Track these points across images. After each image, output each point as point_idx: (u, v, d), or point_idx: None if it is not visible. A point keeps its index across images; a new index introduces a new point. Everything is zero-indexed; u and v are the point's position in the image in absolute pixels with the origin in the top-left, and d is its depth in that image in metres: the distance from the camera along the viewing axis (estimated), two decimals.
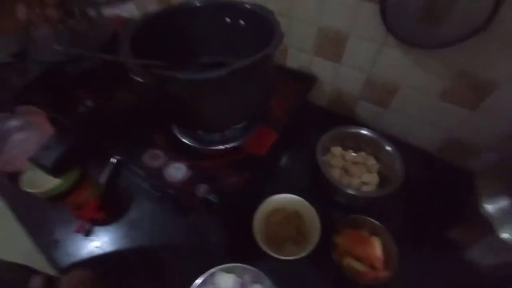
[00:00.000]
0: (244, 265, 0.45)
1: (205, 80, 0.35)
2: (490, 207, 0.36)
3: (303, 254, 0.44)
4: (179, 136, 0.54)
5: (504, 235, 0.34)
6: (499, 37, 0.42)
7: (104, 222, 0.52)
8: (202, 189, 0.47)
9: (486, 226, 0.36)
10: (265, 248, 0.45)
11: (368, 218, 0.49)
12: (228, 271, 0.45)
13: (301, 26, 0.62)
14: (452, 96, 0.53)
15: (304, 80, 0.68)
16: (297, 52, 0.67)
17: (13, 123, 0.62)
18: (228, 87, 0.37)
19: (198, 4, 0.52)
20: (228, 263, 0.45)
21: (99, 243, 0.50)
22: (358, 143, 0.58)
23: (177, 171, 0.49)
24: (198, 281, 0.43)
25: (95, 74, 0.71)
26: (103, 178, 0.57)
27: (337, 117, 0.72)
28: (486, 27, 0.42)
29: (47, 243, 0.50)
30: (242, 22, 0.54)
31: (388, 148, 0.53)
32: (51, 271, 0.47)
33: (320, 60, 0.65)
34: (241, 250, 0.48)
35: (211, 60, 0.59)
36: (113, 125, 0.50)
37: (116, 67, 0.74)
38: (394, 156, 0.51)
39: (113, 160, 0.59)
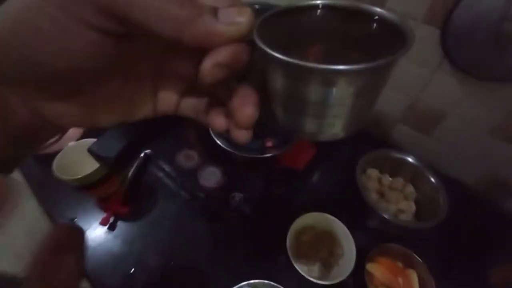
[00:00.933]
0: (273, 283, 0.43)
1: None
2: None
3: (336, 281, 0.42)
4: (216, 139, 0.52)
5: None
6: None
7: (128, 217, 0.50)
8: (236, 198, 0.45)
9: None
10: (298, 267, 0.43)
11: (405, 248, 0.46)
12: (254, 287, 0.43)
13: None
14: (503, 132, 0.51)
15: None
16: None
17: None
18: None
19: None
20: (254, 277, 0.43)
21: (120, 238, 0.48)
22: (395, 168, 0.56)
23: (212, 175, 0.48)
24: None
25: None
26: (130, 172, 0.55)
27: (370, 138, 0.69)
28: None
29: None
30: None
31: (432, 179, 0.51)
32: None
33: None
34: (268, 264, 0.46)
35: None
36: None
37: None
38: (438, 189, 0.49)
39: (142, 154, 0.58)
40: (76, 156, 0.50)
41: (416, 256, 0.45)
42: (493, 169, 0.56)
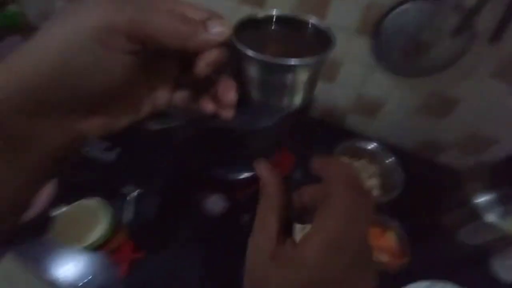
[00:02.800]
0: None
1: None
2: (477, 200, 0.49)
3: None
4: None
5: (489, 219, 0.48)
6: (464, 69, 0.56)
7: (146, 260, 0.52)
8: (245, 220, 0.50)
9: (474, 214, 0.49)
10: None
11: (379, 216, 0.59)
12: None
13: None
14: (426, 108, 0.66)
15: None
16: None
17: None
18: None
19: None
20: None
21: (147, 282, 0.50)
22: (359, 153, 0.68)
23: (216, 204, 0.52)
24: None
25: None
26: (127, 215, 0.56)
27: (327, 125, 0.81)
28: (454, 63, 0.55)
29: None
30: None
31: (389, 160, 0.64)
32: None
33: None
34: None
35: None
36: None
37: None
38: (395, 167, 0.62)
39: (134, 194, 0.58)
40: (71, 220, 0.49)
41: (390, 219, 0.58)
42: (424, 135, 0.72)
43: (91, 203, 0.49)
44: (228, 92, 0.22)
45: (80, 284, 0.49)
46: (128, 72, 0.18)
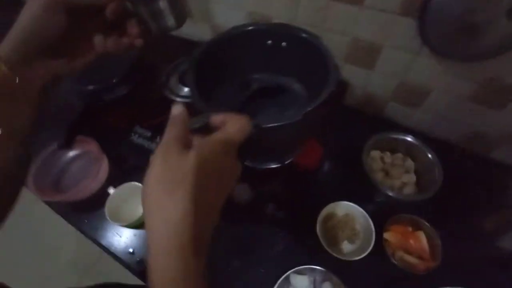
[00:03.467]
0: (313, 266, 0.52)
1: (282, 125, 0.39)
2: None
3: (363, 255, 0.52)
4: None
5: None
6: None
7: None
8: (270, 208, 0.52)
9: None
10: (329, 250, 0.52)
11: (411, 215, 0.56)
12: (299, 273, 0.52)
13: (333, 37, 0.64)
14: (479, 98, 0.58)
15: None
16: None
17: (70, 154, 0.65)
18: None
19: (241, 30, 0.54)
20: (296, 265, 0.52)
21: None
22: (394, 146, 0.63)
23: (243, 192, 0.55)
24: (276, 285, 0.51)
25: (125, 99, 0.72)
26: None
27: (364, 115, 0.76)
28: None
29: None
30: (284, 44, 0.56)
31: (429, 155, 0.59)
32: None
33: (352, 67, 0.68)
34: (305, 253, 0.55)
35: (255, 77, 0.61)
36: None
37: (145, 89, 0.75)
38: (435, 162, 0.57)
39: None
40: (119, 200, 0.57)
41: (422, 219, 0.55)
42: (474, 127, 0.64)
43: (135, 186, 0.56)
44: (133, 27, 0.34)
45: (123, 254, 0.57)
46: (69, 25, 0.30)
